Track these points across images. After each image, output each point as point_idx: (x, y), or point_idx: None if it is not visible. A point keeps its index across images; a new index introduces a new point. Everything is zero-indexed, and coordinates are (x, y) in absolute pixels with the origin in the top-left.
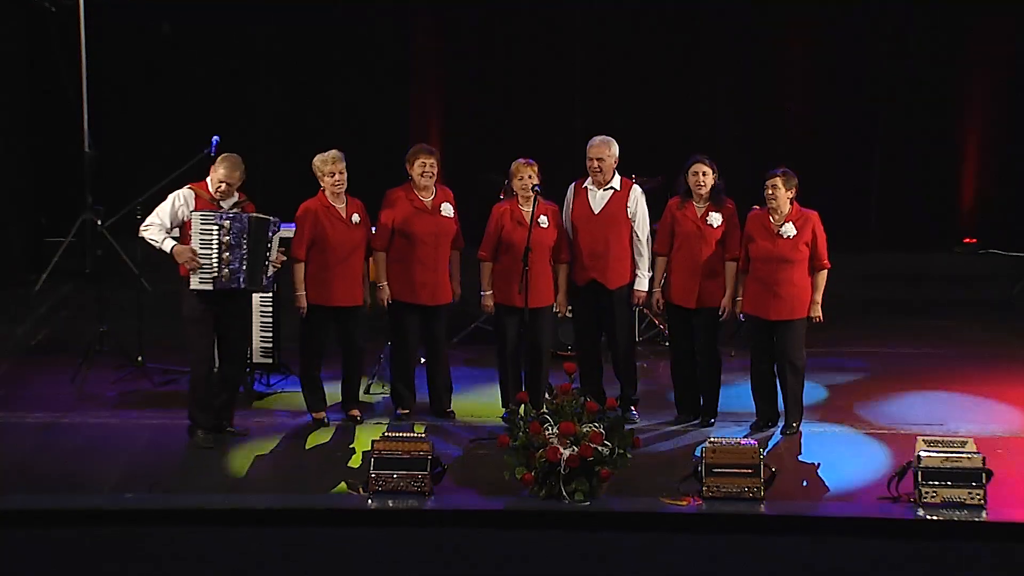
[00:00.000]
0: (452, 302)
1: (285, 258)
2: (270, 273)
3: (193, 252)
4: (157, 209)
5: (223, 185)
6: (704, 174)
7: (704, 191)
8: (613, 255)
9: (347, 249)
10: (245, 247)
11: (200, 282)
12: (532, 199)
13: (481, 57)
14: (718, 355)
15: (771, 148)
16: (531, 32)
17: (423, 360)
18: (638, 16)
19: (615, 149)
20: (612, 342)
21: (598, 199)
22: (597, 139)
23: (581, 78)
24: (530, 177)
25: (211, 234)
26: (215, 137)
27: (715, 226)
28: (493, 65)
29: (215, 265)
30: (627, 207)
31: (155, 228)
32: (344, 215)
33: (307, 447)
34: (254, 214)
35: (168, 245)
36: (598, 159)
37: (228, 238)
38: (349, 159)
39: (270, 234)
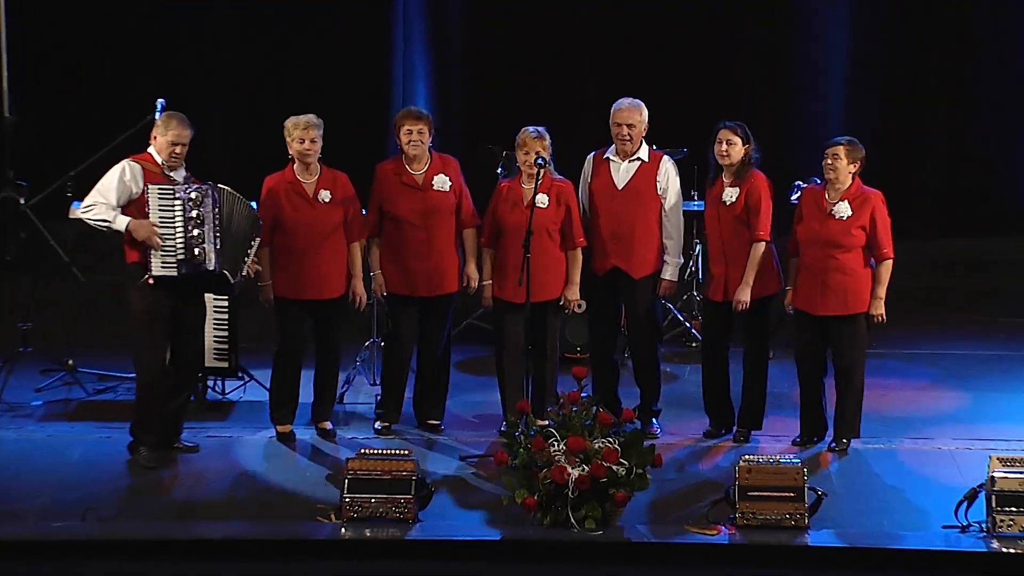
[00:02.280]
0: (459, 291)
1: (259, 268)
2: (243, 273)
3: (154, 225)
4: (98, 187)
5: (177, 148)
6: (730, 143)
7: (730, 163)
8: (639, 238)
9: (315, 233)
10: (217, 223)
11: (163, 266)
12: (536, 174)
13: (474, 10)
14: (765, 356)
15: (816, 116)
16: None
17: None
18: None
19: (646, 114)
20: (635, 342)
21: (623, 172)
22: (625, 101)
23: (592, 32)
24: (537, 152)
25: (172, 209)
26: (160, 101)
27: (728, 203)
28: (489, 19)
29: (180, 245)
30: (656, 181)
31: (101, 207)
32: (310, 192)
33: (269, 467)
34: (227, 188)
35: (121, 222)
36: (628, 125)
37: (196, 212)
38: (328, 130)
39: (254, 233)
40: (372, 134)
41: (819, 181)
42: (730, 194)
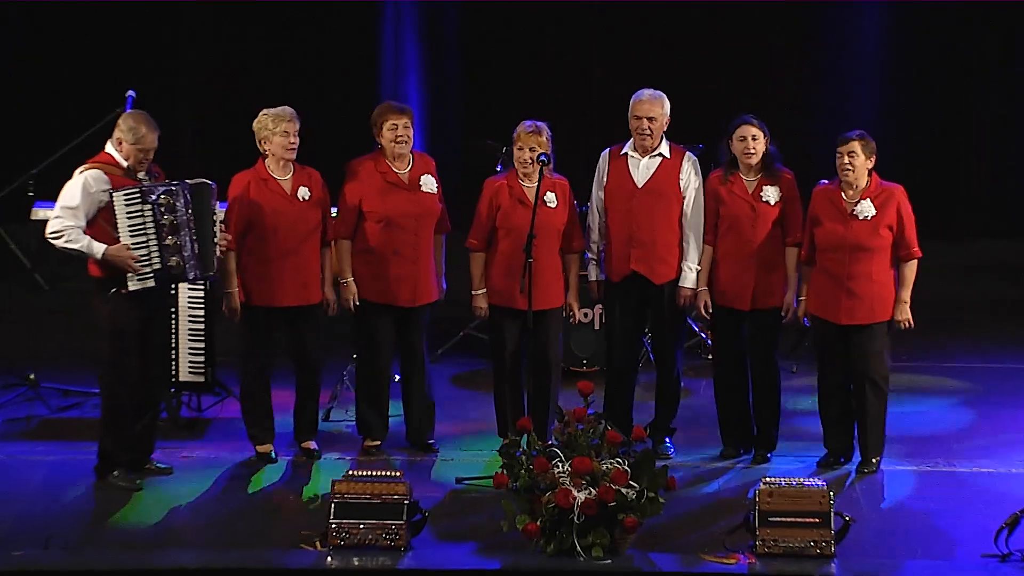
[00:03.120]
0: (436, 302)
1: (231, 236)
2: (218, 255)
3: (128, 248)
4: (62, 205)
5: (149, 155)
6: (754, 138)
7: (754, 160)
8: (662, 240)
9: (294, 234)
10: (192, 226)
11: (139, 280)
12: (538, 171)
13: None
14: (777, 371)
15: (839, 109)
16: None
17: (398, 378)
18: None
19: (667, 106)
20: (660, 353)
21: (643, 169)
22: (646, 93)
23: (598, 18)
24: (532, 149)
25: (142, 216)
26: (130, 93)
27: (772, 203)
28: (488, 4)
29: (155, 256)
30: (679, 179)
31: (72, 232)
32: (288, 190)
33: (249, 490)
34: (192, 180)
35: (98, 250)
36: (648, 118)
37: (169, 217)
38: (304, 125)
39: (214, 203)
40: (354, 131)
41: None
42: (771, 193)
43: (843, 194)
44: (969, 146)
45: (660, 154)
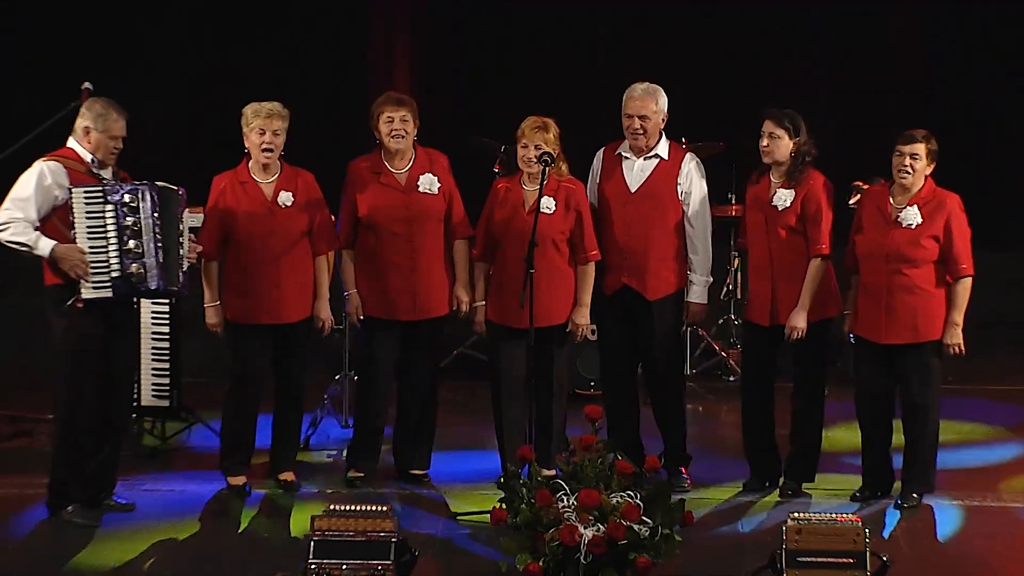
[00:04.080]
0: (450, 315)
1: (201, 248)
2: (185, 268)
3: (81, 251)
4: (11, 197)
5: (118, 143)
6: (772, 136)
7: (774, 160)
8: (656, 251)
9: (275, 243)
10: (158, 232)
11: (95, 288)
12: (541, 173)
13: None
14: (810, 394)
15: (876, 105)
16: None
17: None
18: None
19: (663, 102)
20: (651, 377)
21: (636, 171)
22: (638, 88)
23: (609, 4)
24: (536, 147)
25: (103, 216)
26: (87, 85)
27: (780, 208)
28: None
29: (114, 261)
30: (677, 183)
31: (18, 225)
32: (267, 194)
33: (220, 528)
34: (161, 183)
35: (45, 246)
36: (640, 116)
37: (132, 220)
38: (294, 122)
39: (181, 210)
40: (345, 128)
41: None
42: (782, 197)
43: (891, 198)
44: (1020, 151)
45: (656, 155)
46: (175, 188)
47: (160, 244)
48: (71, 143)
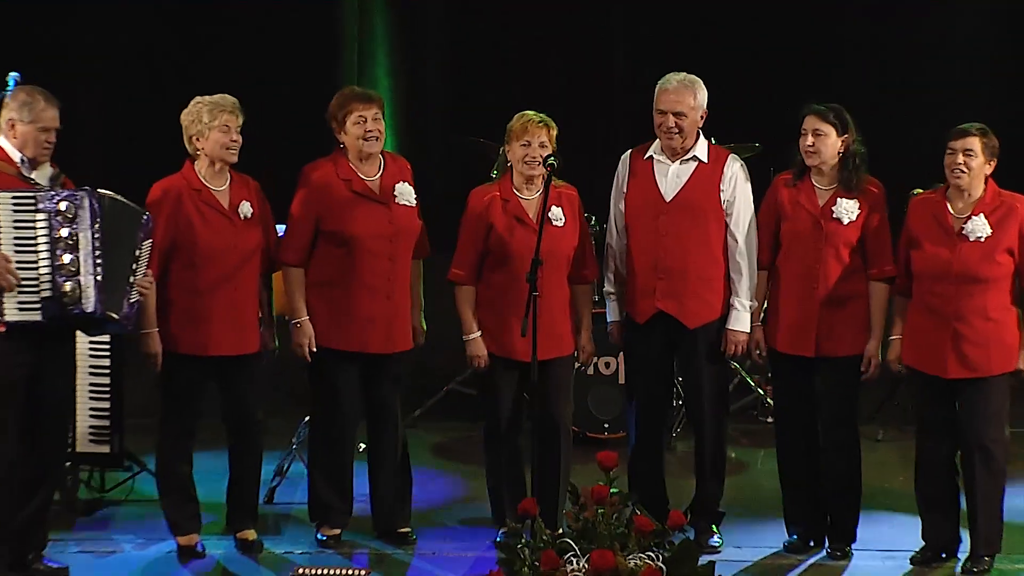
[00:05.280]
0: (412, 349)
1: (152, 282)
2: (133, 300)
3: (7, 260)
4: None
5: (50, 136)
6: (817, 133)
7: (816, 160)
8: (696, 271)
9: (231, 261)
10: (98, 246)
11: (20, 308)
12: (544, 179)
13: None
14: (857, 438)
15: (936, 103)
16: None
17: (363, 447)
18: None
19: (703, 96)
20: (696, 418)
21: (672, 177)
22: (673, 80)
23: None
24: (542, 146)
25: (33, 226)
26: (13, 75)
27: (846, 221)
28: None
29: (45, 278)
30: (720, 190)
31: None
32: (226, 203)
33: None
34: (110, 193)
35: None
36: (675, 113)
37: (67, 231)
38: (248, 122)
39: (140, 236)
40: (307, 129)
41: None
42: (847, 209)
43: (949, 206)
44: None
45: (695, 157)
46: (139, 210)
47: (100, 262)
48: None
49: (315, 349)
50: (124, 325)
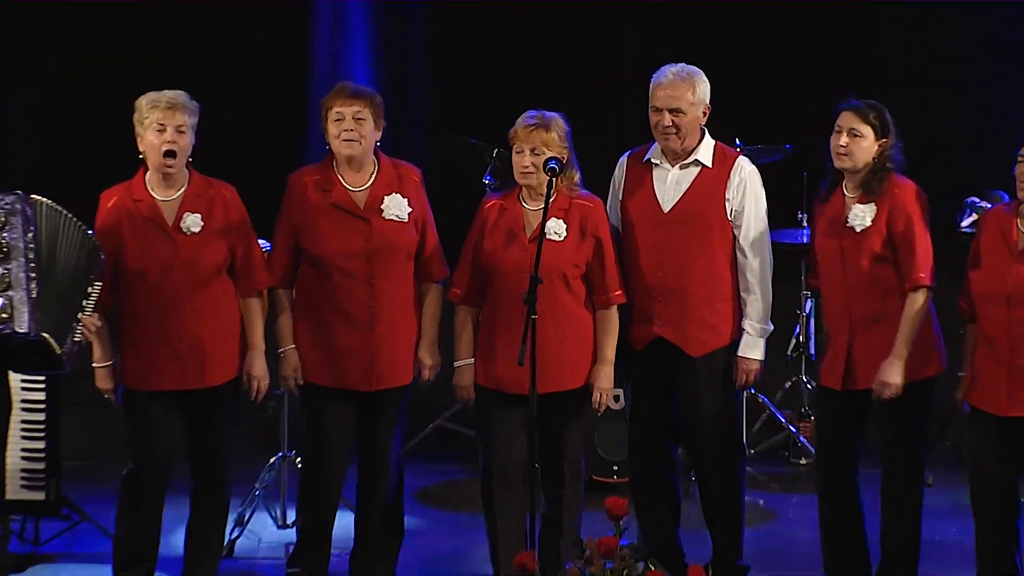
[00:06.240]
0: (416, 384)
1: (99, 324)
2: (77, 338)
3: None
4: None
5: None
6: (853, 133)
7: (848, 163)
8: (698, 291)
9: (177, 282)
10: (32, 259)
11: None
12: (546, 187)
13: None
14: (907, 481)
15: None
16: None
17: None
18: None
19: (703, 89)
20: (698, 459)
21: (671, 184)
22: (669, 72)
23: None
24: (534, 152)
25: None
26: None
27: (859, 228)
28: None
29: None
30: (726, 198)
31: None
32: (168, 216)
33: None
34: (47, 200)
35: None
36: (672, 110)
37: None
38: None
39: (94, 270)
40: (286, 133)
41: (1007, 198)
42: (860, 214)
43: (1019, 222)
44: None
45: (697, 161)
46: (79, 223)
47: (34, 275)
48: None
49: (302, 383)
50: (62, 364)
